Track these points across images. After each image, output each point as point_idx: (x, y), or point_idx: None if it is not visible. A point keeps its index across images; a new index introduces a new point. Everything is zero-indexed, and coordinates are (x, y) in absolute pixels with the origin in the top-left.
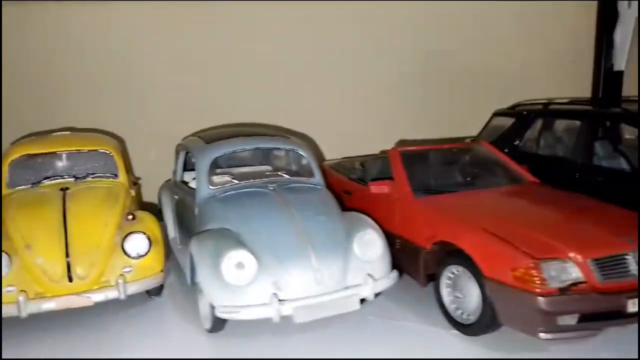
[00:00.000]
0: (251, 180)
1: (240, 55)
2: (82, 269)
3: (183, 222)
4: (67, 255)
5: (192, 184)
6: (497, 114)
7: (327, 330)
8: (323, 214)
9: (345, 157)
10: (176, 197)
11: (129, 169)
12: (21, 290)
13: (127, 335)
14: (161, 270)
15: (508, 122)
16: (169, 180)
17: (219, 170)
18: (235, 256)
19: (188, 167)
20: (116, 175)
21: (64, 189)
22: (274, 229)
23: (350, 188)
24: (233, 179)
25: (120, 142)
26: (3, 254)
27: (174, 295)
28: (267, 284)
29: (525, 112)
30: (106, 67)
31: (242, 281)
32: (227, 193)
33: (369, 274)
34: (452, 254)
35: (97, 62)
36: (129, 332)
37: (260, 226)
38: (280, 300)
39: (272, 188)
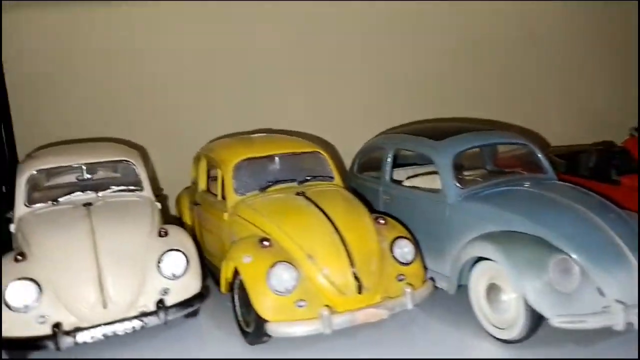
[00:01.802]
0: (502, 178)
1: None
2: (367, 279)
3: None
4: (351, 265)
5: (407, 183)
6: None
7: None
8: (612, 211)
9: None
10: (386, 197)
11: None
12: (326, 306)
13: None
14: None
15: None
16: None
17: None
18: (562, 262)
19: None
20: (332, 178)
21: (300, 194)
22: (581, 229)
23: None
24: (477, 177)
25: None
26: (287, 264)
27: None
28: (592, 289)
29: None
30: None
31: (569, 288)
32: (487, 192)
33: None
34: None
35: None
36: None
37: (567, 227)
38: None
39: (527, 185)
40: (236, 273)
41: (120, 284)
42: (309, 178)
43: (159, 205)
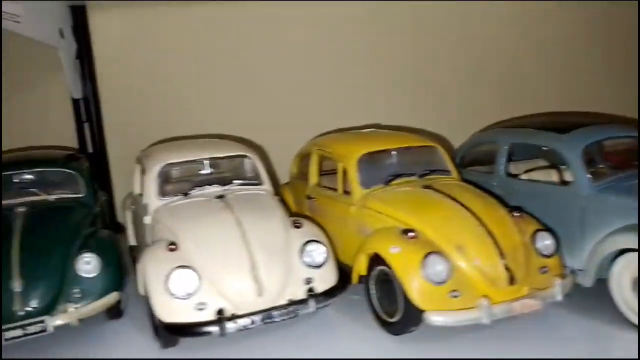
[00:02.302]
0: (628, 171)
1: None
2: (517, 271)
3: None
4: (501, 256)
5: (524, 177)
6: None
7: None
8: None
9: None
10: (501, 191)
11: None
12: (483, 296)
13: None
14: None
15: None
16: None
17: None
18: None
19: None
20: (449, 172)
21: (427, 187)
22: None
23: None
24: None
25: None
26: (440, 255)
27: None
28: None
29: None
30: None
31: None
32: (620, 184)
33: None
34: None
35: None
36: None
37: None
38: None
39: None
40: (372, 264)
41: (272, 272)
42: (427, 172)
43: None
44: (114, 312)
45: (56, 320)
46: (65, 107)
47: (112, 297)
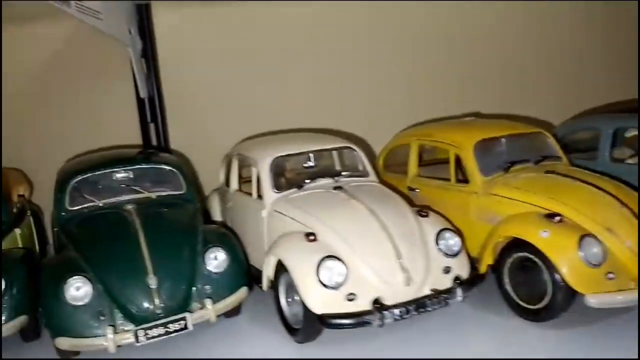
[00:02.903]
0: None
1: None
2: None
3: None
4: None
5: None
6: None
7: None
8: None
9: None
10: None
11: None
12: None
13: None
14: None
15: None
16: None
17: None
18: None
19: None
20: (560, 158)
21: (550, 172)
22: None
23: None
24: None
25: None
26: (594, 238)
27: None
28: None
29: None
30: None
31: None
32: None
33: None
34: None
35: None
36: None
37: None
38: None
39: None
40: (505, 252)
41: (416, 262)
42: (541, 158)
43: None
44: (235, 309)
45: (196, 317)
46: (130, 108)
47: (243, 293)
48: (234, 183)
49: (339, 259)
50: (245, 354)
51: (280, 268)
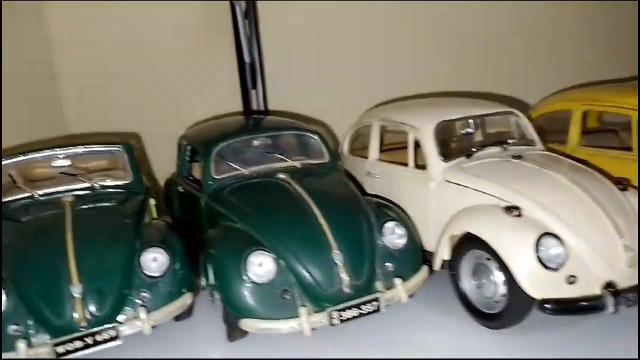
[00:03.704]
0: None
1: None
2: None
3: None
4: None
5: None
6: None
7: None
8: None
9: None
10: None
11: None
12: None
13: None
14: None
15: None
16: None
17: None
18: None
19: None
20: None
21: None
22: None
23: None
24: None
25: None
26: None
27: None
28: None
29: None
30: None
31: None
32: None
33: None
34: None
35: None
36: None
37: None
38: None
39: None
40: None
41: (634, 240)
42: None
43: None
44: None
45: (388, 298)
46: (230, 74)
47: (425, 272)
48: (374, 152)
49: (556, 237)
50: (431, 340)
51: (462, 246)
